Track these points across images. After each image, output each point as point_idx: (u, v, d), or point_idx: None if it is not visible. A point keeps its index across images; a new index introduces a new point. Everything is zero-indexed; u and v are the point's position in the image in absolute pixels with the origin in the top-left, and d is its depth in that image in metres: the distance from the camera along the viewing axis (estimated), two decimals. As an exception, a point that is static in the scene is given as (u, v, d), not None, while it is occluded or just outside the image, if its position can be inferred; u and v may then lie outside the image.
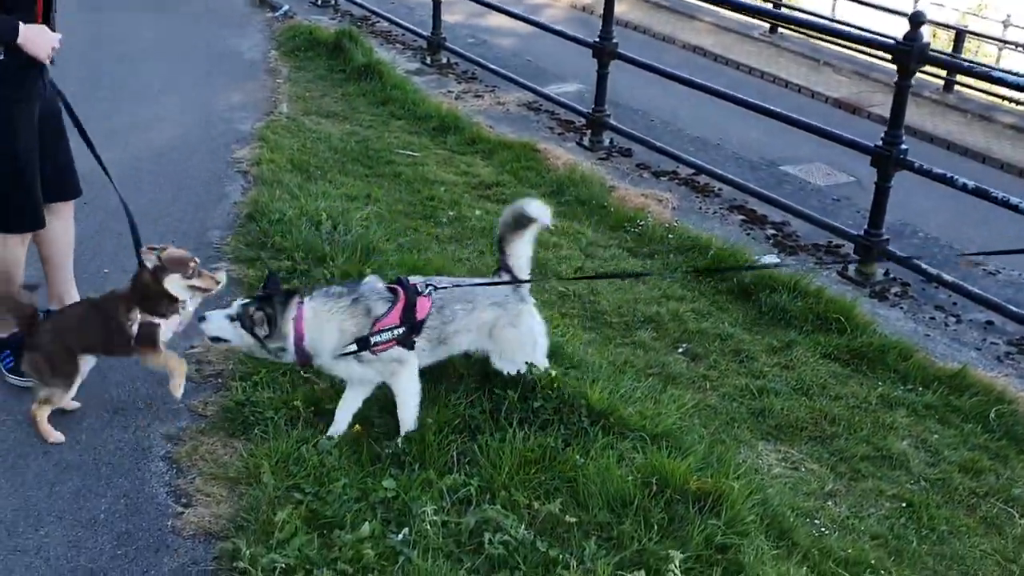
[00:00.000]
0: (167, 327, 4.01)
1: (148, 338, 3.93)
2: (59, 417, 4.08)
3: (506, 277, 4.20)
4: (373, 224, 6.43)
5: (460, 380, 4.37)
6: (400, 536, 3.44)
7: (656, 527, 3.69)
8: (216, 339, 3.89)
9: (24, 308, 3.88)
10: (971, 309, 6.31)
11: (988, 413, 5.13)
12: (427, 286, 4.00)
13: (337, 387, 4.21)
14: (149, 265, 3.89)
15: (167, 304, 3.97)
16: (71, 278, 4.73)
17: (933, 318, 6.29)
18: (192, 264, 3.95)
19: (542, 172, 8.30)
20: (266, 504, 3.53)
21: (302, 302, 3.86)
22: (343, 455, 3.87)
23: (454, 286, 4.11)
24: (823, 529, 4.14)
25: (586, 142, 9.17)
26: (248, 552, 3.21)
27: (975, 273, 6.78)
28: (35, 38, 3.93)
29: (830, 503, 4.36)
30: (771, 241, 7.30)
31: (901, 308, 6.40)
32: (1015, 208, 5.60)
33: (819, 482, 4.49)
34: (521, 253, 4.24)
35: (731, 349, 5.57)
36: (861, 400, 5.20)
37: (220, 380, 4.50)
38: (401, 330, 3.89)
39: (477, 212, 7.25)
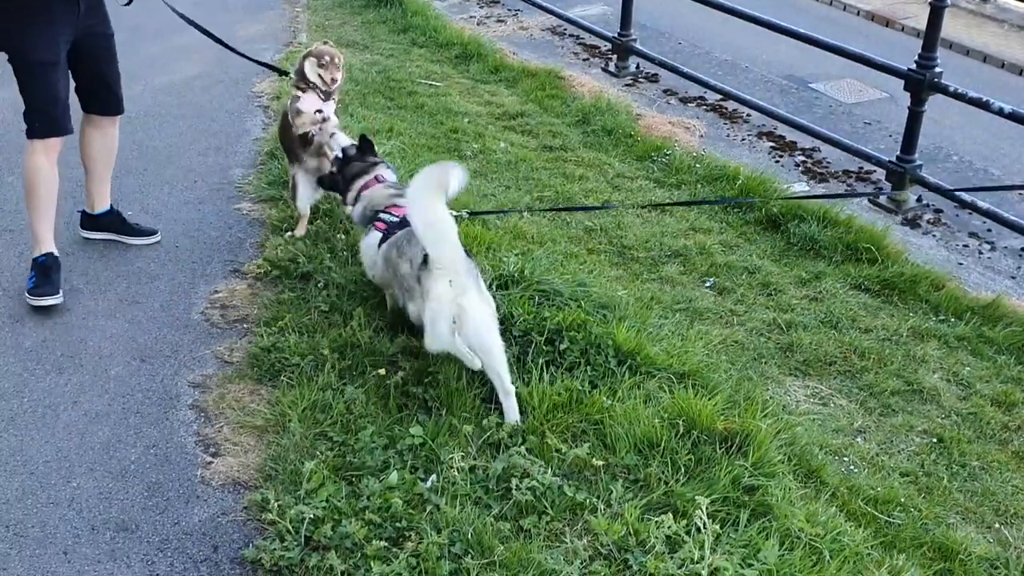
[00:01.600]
0: (308, 101, 4.93)
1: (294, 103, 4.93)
2: (87, 365, 4.11)
3: None
4: (396, 160, 6.37)
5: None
6: (428, 483, 3.45)
7: (683, 469, 3.69)
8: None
9: None
10: (1006, 236, 6.19)
11: (1022, 344, 5.05)
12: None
13: (365, 329, 4.20)
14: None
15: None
16: (106, 191, 5.12)
17: (967, 246, 6.17)
18: (326, 58, 4.88)
19: (567, 100, 8.16)
20: (294, 453, 3.55)
21: (377, 177, 4.48)
22: (370, 402, 3.87)
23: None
24: (852, 467, 4.13)
25: (612, 68, 8.99)
26: (276, 503, 3.24)
27: (1010, 197, 6.63)
28: None
29: (859, 440, 4.33)
30: (800, 168, 7.17)
31: (934, 236, 6.29)
32: (1054, 132, 5.43)
33: (848, 418, 4.46)
34: None
35: (759, 282, 5.51)
36: (891, 333, 5.14)
37: (246, 325, 4.50)
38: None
39: (502, 144, 7.16)
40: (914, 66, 6.10)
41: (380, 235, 4.17)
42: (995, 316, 5.30)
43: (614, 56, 9.05)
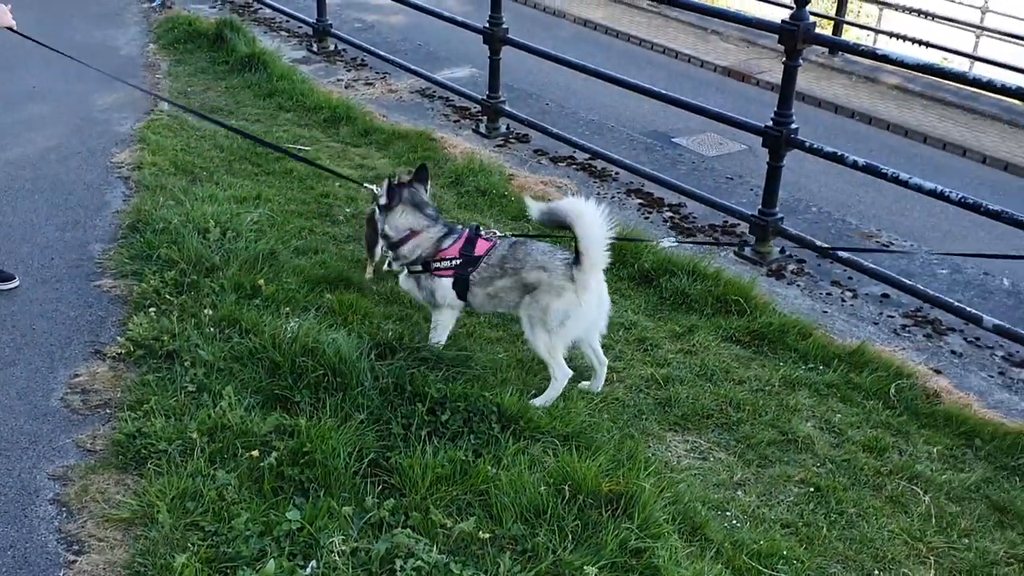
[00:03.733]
0: None
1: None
2: (-67, 464, 3.84)
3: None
4: (265, 228, 6.24)
5: (362, 398, 4.26)
6: (308, 570, 3.32)
7: (570, 535, 3.66)
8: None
9: None
10: (867, 283, 6.43)
11: (888, 389, 5.22)
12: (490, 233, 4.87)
13: (236, 409, 4.05)
14: None
15: None
16: None
17: (830, 294, 6.39)
18: None
19: (440, 162, 8.15)
20: (163, 547, 3.38)
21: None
22: (243, 487, 3.72)
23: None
24: (735, 521, 4.16)
25: (483, 129, 9.06)
26: (145, 604, 3.06)
27: (870, 247, 6.91)
28: None
29: (740, 493, 4.38)
30: (668, 224, 7.32)
31: (798, 286, 6.49)
32: (905, 184, 5.70)
33: (728, 471, 4.51)
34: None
35: (635, 338, 5.56)
36: (764, 383, 5.24)
37: (108, 411, 4.29)
38: (458, 261, 4.64)
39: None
40: (771, 123, 6.33)
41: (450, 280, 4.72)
42: (861, 362, 5.46)
43: (484, 118, 9.12)
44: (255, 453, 3.89)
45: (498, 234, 4.90)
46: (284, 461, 3.85)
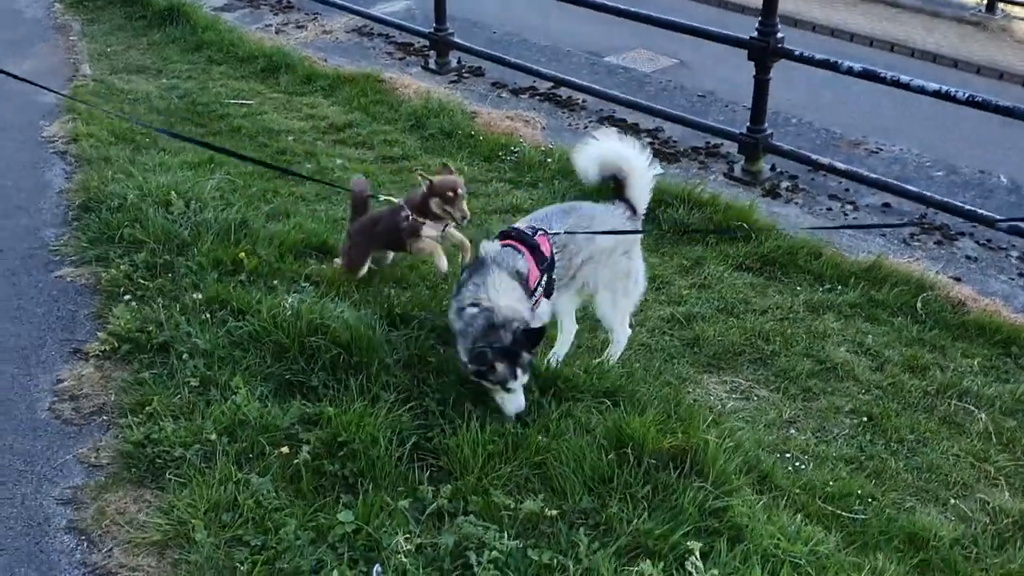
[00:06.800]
0: (429, 228, 4.54)
1: (413, 231, 4.54)
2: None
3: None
4: (228, 194, 5.75)
5: (387, 375, 3.90)
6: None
7: (644, 502, 3.39)
8: None
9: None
10: (865, 193, 6.22)
11: (913, 303, 5.05)
12: (534, 229, 3.94)
13: (251, 401, 3.66)
14: (423, 187, 4.52)
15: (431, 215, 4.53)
16: None
17: (830, 209, 6.17)
18: (450, 193, 4.47)
19: (394, 105, 7.69)
20: (209, 570, 3.00)
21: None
22: (280, 489, 3.35)
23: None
24: (797, 463, 3.94)
25: (432, 65, 8.58)
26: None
27: (859, 154, 6.70)
28: None
29: (793, 431, 4.16)
30: (649, 150, 6.98)
31: (796, 203, 6.25)
32: (907, 86, 5.45)
33: (775, 409, 4.28)
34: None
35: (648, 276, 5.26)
36: (787, 311, 5.02)
37: (105, 417, 3.85)
38: (544, 278, 3.90)
39: (338, 161, 6.63)
40: (756, 34, 6.01)
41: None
42: (878, 278, 5.27)
43: (433, 53, 8.63)
44: (285, 449, 3.51)
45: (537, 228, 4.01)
46: (320, 455, 3.48)
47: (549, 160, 6.60)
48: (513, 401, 3.67)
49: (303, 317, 4.13)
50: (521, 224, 4.05)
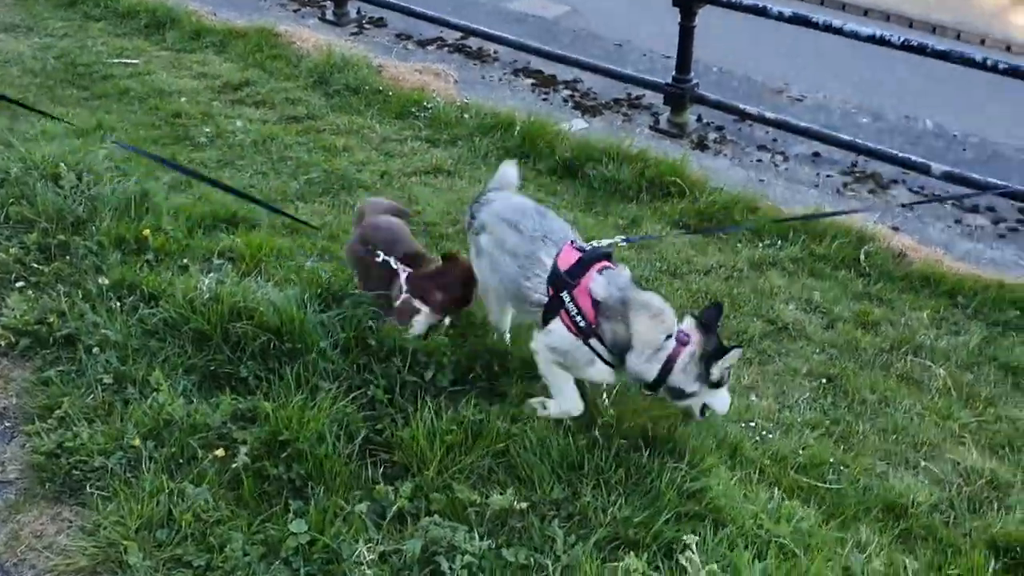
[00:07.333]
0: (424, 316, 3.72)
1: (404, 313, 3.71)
2: None
3: None
4: (122, 164, 5.25)
5: (324, 362, 3.55)
6: (338, 594, 2.69)
7: (619, 487, 3.16)
8: None
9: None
10: (793, 143, 6.08)
11: (855, 256, 4.94)
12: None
13: (174, 398, 3.28)
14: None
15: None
16: None
17: (760, 160, 6.01)
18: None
19: (293, 60, 7.21)
20: (149, 600, 2.65)
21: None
22: (219, 498, 3.00)
23: None
24: (763, 431, 3.76)
25: (330, 16, 8.08)
26: None
27: (782, 103, 6.55)
28: None
29: (755, 398, 3.98)
30: (570, 104, 6.72)
31: (725, 155, 6.07)
32: (839, 31, 5.29)
33: (733, 376, 4.08)
34: None
35: (584, 238, 5.01)
36: (731, 269, 4.84)
37: (7, 424, 3.40)
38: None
39: (238, 123, 6.16)
40: (680, -21, 5.77)
41: None
42: (817, 231, 5.13)
43: (330, 3, 8.13)
44: (220, 452, 3.15)
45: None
46: (260, 457, 3.14)
47: (466, 115, 6.25)
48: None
49: (224, 300, 3.73)
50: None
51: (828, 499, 3.42)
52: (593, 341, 3.24)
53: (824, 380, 4.10)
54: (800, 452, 3.62)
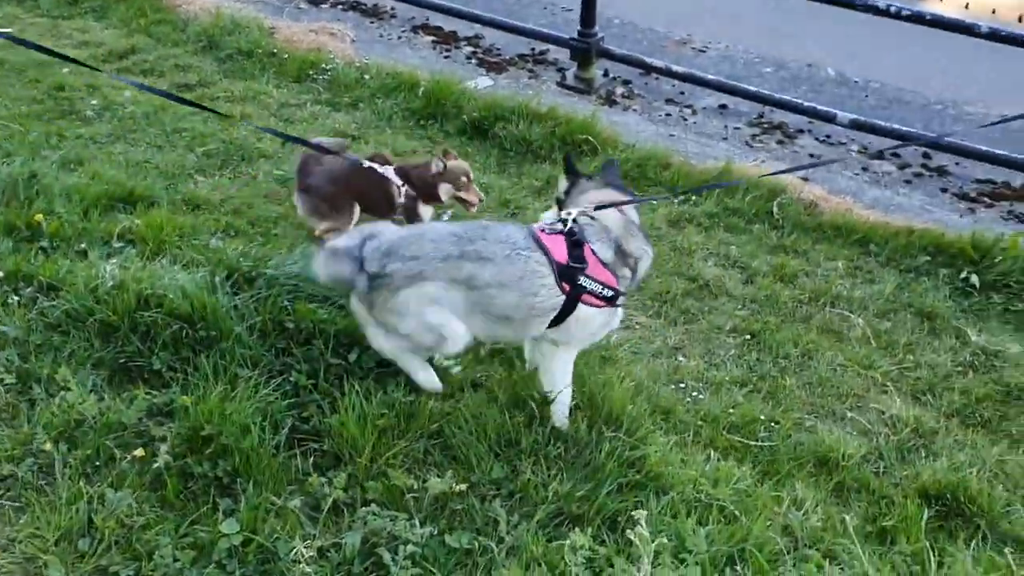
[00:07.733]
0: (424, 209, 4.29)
1: (411, 211, 4.26)
2: None
3: None
4: (4, 143, 4.94)
5: (241, 348, 3.38)
6: (278, 597, 2.58)
7: (559, 462, 3.11)
8: None
9: None
10: (700, 95, 6.06)
11: (768, 208, 4.95)
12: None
13: (86, 396, 3.08)
14: (434, 169, 4.21)
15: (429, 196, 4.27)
16: None
17: (669, 114, 5.97)
18: (464, 179, 4.22)
19: (179, 24, 6.87)
20: (73, 618, 2.49)
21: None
22: (142, 501, 2.83)
23: None
24: (694, 392, 3.76)
25: (215, -24, 7.69)
26: None
27: (687, 54, 6.52)
28: None
29: (681, 358, 3.97)
30: (474, 61, 6.56)
31: (634, 110, 6.02)
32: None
33: (659, 336, 4.08)
34: None
35: (497, 202, 4.92)
36: (648, 227, 4.78)
37: None
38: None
39: (127, 94, 5.82)
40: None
41: None
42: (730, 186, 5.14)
43: (214, -38, 7.74)
44: (139, 452, 2.98)
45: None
46: (182, 454, 2.98)
47: (367, 76, 6.05)
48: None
49: (129, 288, 3.53)
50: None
51: (762, 457, 3.44)
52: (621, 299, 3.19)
53: (748, 336, 4.11)
54: (731, 411, 3.63)
